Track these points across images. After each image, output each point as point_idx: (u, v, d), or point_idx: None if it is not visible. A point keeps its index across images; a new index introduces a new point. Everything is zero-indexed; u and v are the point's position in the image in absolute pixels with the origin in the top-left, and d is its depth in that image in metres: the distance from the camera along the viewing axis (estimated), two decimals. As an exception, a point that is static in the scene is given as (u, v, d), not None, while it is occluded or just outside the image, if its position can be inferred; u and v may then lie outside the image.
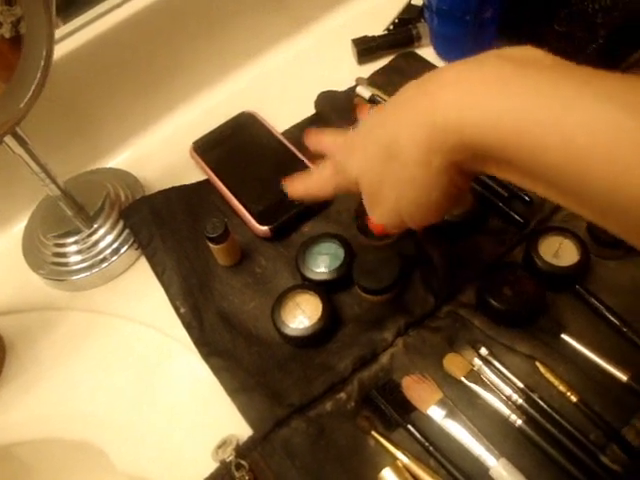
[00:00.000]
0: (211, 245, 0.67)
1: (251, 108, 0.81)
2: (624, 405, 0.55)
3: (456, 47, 0.82)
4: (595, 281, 0.63)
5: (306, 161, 0.73)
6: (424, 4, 0.80)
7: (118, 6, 0.76)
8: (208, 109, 0.86)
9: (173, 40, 0.81)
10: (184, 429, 0.61)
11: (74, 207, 0.72)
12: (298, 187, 0.59)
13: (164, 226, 0.72)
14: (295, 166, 0.73)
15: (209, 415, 0.61)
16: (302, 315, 0.63)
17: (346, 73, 0.84)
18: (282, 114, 0.81)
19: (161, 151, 0.83)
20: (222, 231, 0.65)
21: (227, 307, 0.67)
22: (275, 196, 0.71)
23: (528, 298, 0.60)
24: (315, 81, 0.83)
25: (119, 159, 0.84)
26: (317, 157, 0.70)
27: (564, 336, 0.59)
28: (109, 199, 0.74)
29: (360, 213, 0.66)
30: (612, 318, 0.60)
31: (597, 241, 0.63)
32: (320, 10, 0.93)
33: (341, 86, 0.83)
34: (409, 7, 0.88)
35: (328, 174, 0.55)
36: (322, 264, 0.66)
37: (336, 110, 0.78)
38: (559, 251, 0.63)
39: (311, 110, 0.81)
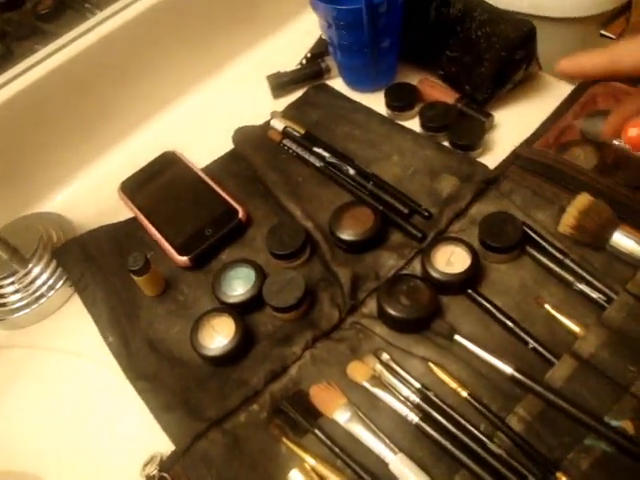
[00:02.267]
0: (134, 277, 0.71)
1: (175, 147, 0.87)
2: (509, 395, 0.60)
3: (361, 76, 0.89)
4: (487, 284, 0.68)
5: (223, 194, 0.79)
6: (327, 40, 0.86)
7: (46, 58, 0.82)
8: (135, 150, 0.91)
9: (97, 89, 0.87)
10: (116, 451, 0.66)
11: (9, 251, 0.77)
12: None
13: (93, 263, 0.77)
14: (212, 200, 0.79)
15: (139, 435, 0.66)
16: (218, 336, 0.67)
17: (263, 107, 0.90)
18: (203, 151, 0.87)
19: (92, 193, 0.88)
20: (143, 264, 0.70)
21: (153, 334, 0.72)
22: (194, 228, 0.76)
23: (423, 305, 0.65)
24: (234, 117, 0.89)
25: (52, 203, 0.89)
26: (234, 194, 0.76)
27: (457, 337, 0.64)
28: (42, 241, 0.79)
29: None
30: (500, 317, 0.65)
31: (487, 247, 0.68)
32: (237, 50, 0.99)
33: (259, 120, 0.89)
34: (319, 42, 0.94)
35: None
36: (236, 288, 0.71)
37: (251, 144, 0.84)
38: (451, 259, 0.68)
39: (231, 145, 0.86)
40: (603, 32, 1.20)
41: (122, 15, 0.86)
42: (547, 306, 0.65)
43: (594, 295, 0.65)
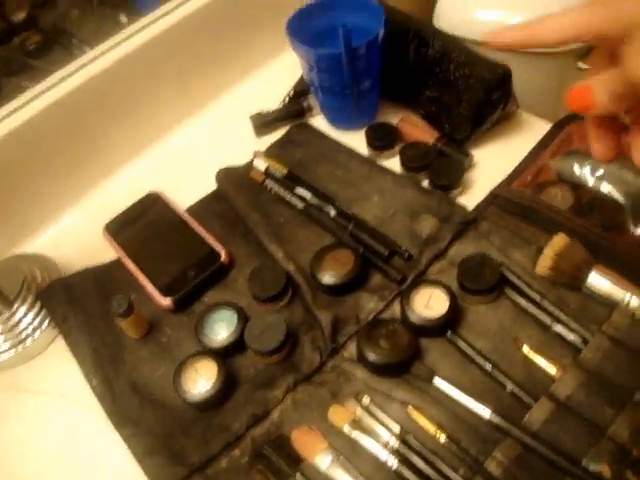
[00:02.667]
0: (118, 320, 0.72)
1: (159, 186, 0.88)
2: (488, 439, 0.61)
3: (343, 115, 0.90)
4: (466, 326, 0.69)
5: (206, 236, 0.80)
6: (308, 82, 0.88)
7: (31, 100, 0.83)
8: (120, 190, 0.92)
9: (82, 129, 0.88)
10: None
11: (-7, 293, 0.77)
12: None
13: (77, 305, 0.77)
14: (195, 242, 0.80)
15: (122, 479, 0.66)
16: (201, 380, 0.68)
17: (246, 147, 0.91)
18: (188, 190, 0.88)
19: (76, 234, 0.89)
20: (126, 307, 0.71)
21: (136, 377, 0.73)
22: (177, 270, 0.77)
23: (402, 349, 0.66)
24: (218, 156, 0.90)
25: (36, 243, 0.89)
26: (217, 235, 0.77)
27: (436, 380, 0.65)
28: (27, 283, 0.79)
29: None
30: (479, 359, 0.66)
31: (466, 290, 0.69)
32: (219, 88, 1.01)
33: (243, 158, 0.90)
34: (301, 80, 0.96)
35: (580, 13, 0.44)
36: (219, 331, 0.72)
37: (233, 185, 0.85)
38: (430, 302, 0.69)
39: (214, 185, 0.87)
40: (580, 65, 1.22)
41: (108, 57, 0.87)
42: (525, 348, 0.66)
43: (571, 337, 0.65)
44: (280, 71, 1.04)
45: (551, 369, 0.64)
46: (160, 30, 0.90)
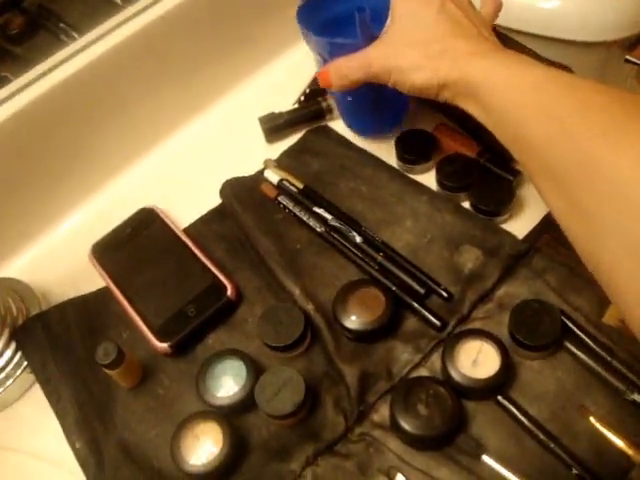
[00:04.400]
0: (106, 370, 0.61)
1: (155, 200, 0.76)
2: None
3: (362, 119, 0.79)
4: (519, 387, 0.59)
5: (207, 263, 0.69)
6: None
7: (7, 99, 0.72)
8: (109, 205, 0.80)
9: (65, 133, 0.76)
10: None
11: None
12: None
13: (59, 348, 0.67)
14: (196, 270, 0.69)
15: None
16: (202, 449, 0.58)
17: (255, 154, 0.79)
18: (188, 204, 0.77)
19: (59, 256, 0.77)
20: (115, 356, 0.60)
21: (128, 436, 0.62)
22: (175, 307, 0.67)
23: (445, 418, 0.55)
24: (222, 166, 0.78)
25: (12, 267, 0.78)
26: (221, 263, 0.66)
27: (485, 457, 0.54)
28: (0, 317, 0.68)
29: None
30: (536, 431, 0.55)
31: (519, 343, 0.58)
32: (225, 86, 0.88)
33: (251, 168, 0.78)
34: (320, 76, 0.83)
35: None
36: (225, 386, 0.61)
37: (241, 201, 0.73)
38: (478, 358, 0.58)
39: (218, 200, 0.75)
40: (628, 57, 1.10)
41: (96, 47, 0.75)
42: (592, 419, 0.55)
43: (650, 408, 0.54)
44: (294, 66, 0.90)
45: (626, 448, 0.53)
46: (157, 16, 0.78)
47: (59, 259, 0.77)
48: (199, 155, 0.84)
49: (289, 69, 0.91)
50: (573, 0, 1.08)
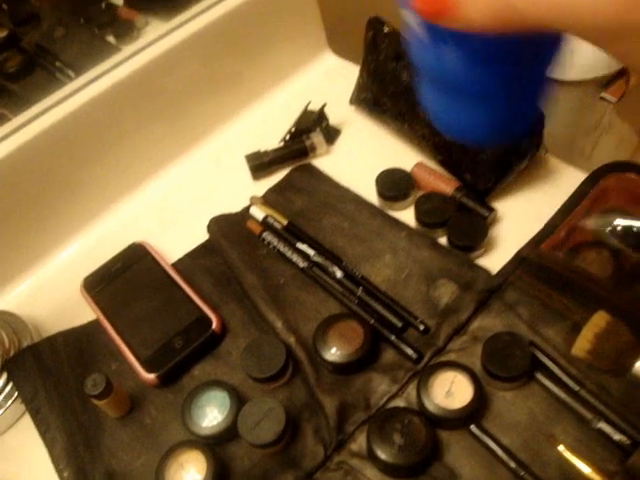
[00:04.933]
0: (94, 400, 0.63)
1: (145, 235, 0.79)
2: None
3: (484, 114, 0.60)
4: (491, 416, 0.61)
5: (194, 297, 0.71)
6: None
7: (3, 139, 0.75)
8: (100, 240, 0.83)
9: (58, 169, 0.79)
10: None
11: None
12: None
13: (49, 378, 0.69)
14: (183, 304, 0.71)
15: None
16: (187, 477, 0.60)
17: (242, 191, 0.82)
18: (177, 240, 0.79)
19: (50, 289, 0.80)
20: (102, 388, 0.62)
21: (115, 465, 0.64)
22: (162, 339, 0.69)
23: (419, 447, 0.57)
24: (209, 202, 0.81)
25: (6, 300, 0.80)
26: (208, 297, 0.68)
27: (458, 485, 0.56)
28: (-8, 349, 0.70)
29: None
30: (508, 460, 0.57)
31: (491, 375, 0.61)
32: (213, 125, 0.91)
33: (238, 204, 0.81)
34: (305, 115, 0.86)
35: None
36: (209, 415, 0.63)
37: (227, 237, 0.76)
38: (452, 389, 0.61)
39: (206, 235, 0.78)
40: (603, 95, 1.14)
41: (94, 87, 0.79)
42: (561, 447, 0.57)
43: (616, 437, 0.56)
44: (281, 105, 0.94)
45: (594, 475, 0.55)
46: (148, 60, 0.81)
47: (51, 292, 0.79)
48: (188, 191, 0.87)
49: (276, 108, 0.94)
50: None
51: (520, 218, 0.74)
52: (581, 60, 1.14)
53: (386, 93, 0.81)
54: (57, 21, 1.05)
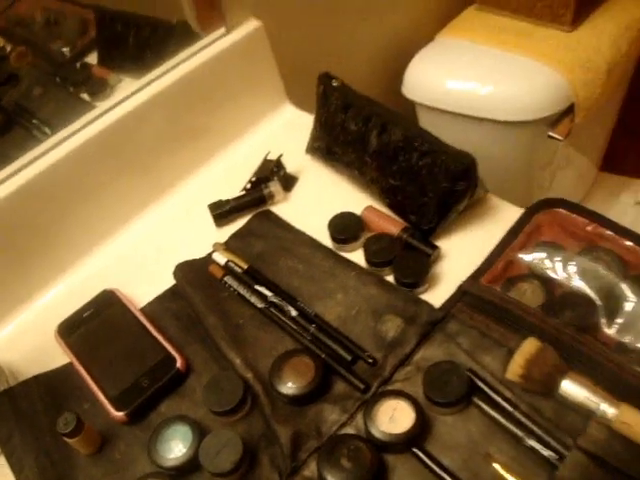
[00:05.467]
0: (66, 439, 0.68)
1: (116, 282, 0.84)
2: None
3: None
4: (433, 439, 0.65)
5: (160, 339, 0.76)
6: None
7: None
8: (74, 287, 0.88)
9: (34, 222, 0.85)
10: None
11: None
12: None
13: (24, 421, 0.73)
14: (150, 346, 0.76)
15: None
16: (151, 508, 0.64)
17: (206, 238, 0.87)
18: (146, 286, 0.84)
19: (26, 335, 0.85)
20: (73, 426, 0.67)
21: (87, 500, 0.68)
22: (131, 379, 0.73)
23: (365, 469, 0.62)
24: (176, 250, 0.87)
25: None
26: (173, 338, 0.73)
27: (401, 504, 0.61)
28: (-30, 394, 0.75)
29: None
30: (448, 478, 0.62)
31: (431, 401, 0.66)
32: (178, 178, 0.97)
33: (202, 252, 0.86)
34: (264, 165, 0.92)
35: None
36: (173, 449, 0.68)
37: (191, 282, 0.81)
38: (394, 415, 0.65)
39: (172, 280, 0.83)
40: (551, 133, 1.21)
41: (69, 143, 0.86)
42: (496, 465, 0.62)
43: (545, 453, 0.61)
44: (242, 156, 1.00)
45: (525, 489, 0.60)
46: (119, 116, 0.87)
47: (27, 338, 0.84)
48: (156, 240, 0.92)
49: (238, 159, 1.01)
50: (504, 86, 1.20)
51: (462, 254, 0.80)
52: (530, 102, 1.21)
53: (337, 142, 0.88)
54: (35, 81, 1.10)
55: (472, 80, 1.24)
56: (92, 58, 0.99)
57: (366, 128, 0.83)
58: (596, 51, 1.22)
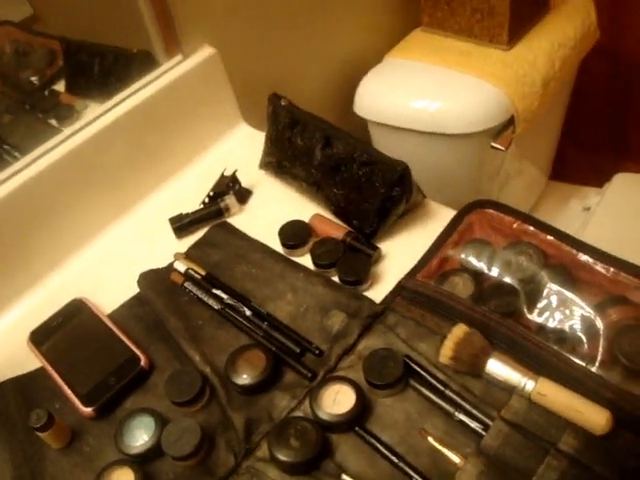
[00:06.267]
0: (38, 433, 0.74)
1: (85, 292, 0.90)
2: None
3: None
4: (374, 419, 0.72)
5: (126, 340, 0.82)
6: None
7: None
8: (44, 298, 0.94)
9: (4, 238, 0.91)
10: None
11: None
12: None
13: (-1, 420, 0.79)
14: (116, 347, 0.82)
15: None
16: (118, 492, 0.70)
17: (168, 249, 0.94)
18: (112, 294, 0.90)
19: (1, 343, 0.90)
20: (45, 420, 0.73)
21: (58, 490, 0.74)
22: (98, 377, 0.79)
23: (311, 447, 0.68)
24: (140, 261, 0.93)
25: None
26: (138, 340, 0.80)
27: (344, 476, 0.68)
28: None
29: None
30: (386, 452, 0.69)
31: (371, 384, 0.72)
32: (142, 194, 1.04)
33: (164, 261, 0.93)
34: (221, 180, 1.00)
35: None
36: (138, 438, 0.74)
37: (154, 289, 0.88)
38: (337, 398, 0.72)
39: (137, 289, 0.90)
40: (493, 144, 1.29)
41: (35, 166, 0.92)
42: (430, 439, 0.69)
43: (473, 425, 0.68)
44: (200, 173, 1.08)
45: (455, 458, 0.67)
46: (81, 141, 0.94)
47: (2, 347, 0.90)
48: (121, 252, 0.99)
49: (198, 175, 1.08)
50: (449, 101, 1.29)
51: (402, 254, 0.87)
52: (475, 116, 1.29)
53: (286, 156, 0.95)
54: (5, 109, 1.15)
55: (419, 97, 1.32)
56: (60, 86, 1.04)
57: (311, 143, 0.91)
58: (532, 67, 1.31)
